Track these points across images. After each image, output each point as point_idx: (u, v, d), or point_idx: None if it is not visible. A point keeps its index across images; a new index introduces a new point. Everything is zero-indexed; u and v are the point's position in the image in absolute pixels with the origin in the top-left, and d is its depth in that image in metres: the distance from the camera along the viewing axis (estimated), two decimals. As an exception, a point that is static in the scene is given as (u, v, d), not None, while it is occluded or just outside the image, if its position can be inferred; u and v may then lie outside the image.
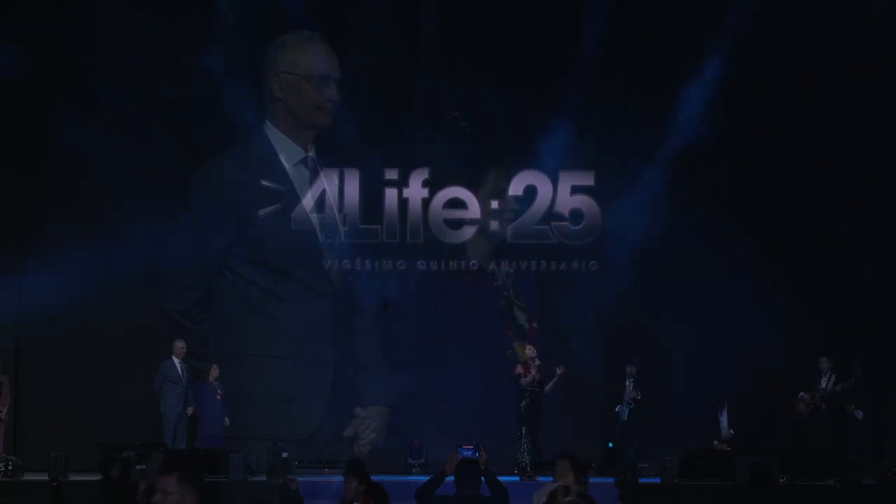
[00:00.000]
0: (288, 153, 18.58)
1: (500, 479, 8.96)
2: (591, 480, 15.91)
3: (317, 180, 18.54)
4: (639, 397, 17.19)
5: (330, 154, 18.63)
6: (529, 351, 17.06)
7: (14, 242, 18.18)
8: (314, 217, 18.51)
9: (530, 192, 18.57)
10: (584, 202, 18.53)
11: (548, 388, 16.77)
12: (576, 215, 18.53)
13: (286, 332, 18.35)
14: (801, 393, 16.94)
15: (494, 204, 18.65)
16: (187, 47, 17.73)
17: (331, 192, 18.57)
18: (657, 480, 15.16)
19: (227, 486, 14.00)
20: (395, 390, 18.29)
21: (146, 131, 17.78)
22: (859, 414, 16.80)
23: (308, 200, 18.50)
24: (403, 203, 18.69)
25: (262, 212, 18.40)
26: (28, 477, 15.10)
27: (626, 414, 17.27)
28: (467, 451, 9.18)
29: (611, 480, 16.11)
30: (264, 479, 14.71)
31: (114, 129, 17.76)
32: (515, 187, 18.63)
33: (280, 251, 18.43)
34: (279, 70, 18.50)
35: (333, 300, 18.48)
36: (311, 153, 18.61)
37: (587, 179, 18.53)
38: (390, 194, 18.70)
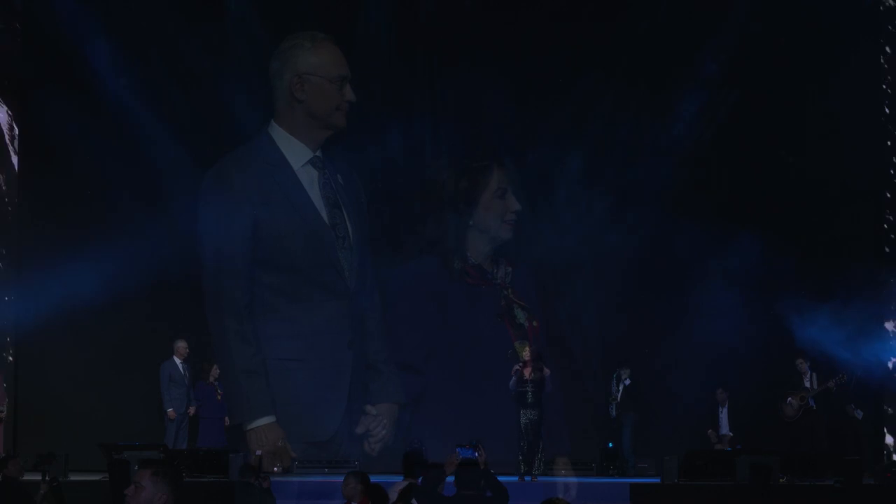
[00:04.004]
0: (296, 154, 18.54)
1: (500, 479, 8.97)
2: (590, 481, 16.07)
3: (325, 180, 18.54)
4: (619, 393, 17.24)
5: (336, 154, 18.63)
6: (526, 353, 17.05)
7: (14, 242, 18.18)
8: (325, 217, 18.50)
9: (531, 193, 18.60)
10: (579, 204, 18.53)
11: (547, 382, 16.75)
12: (573, 216, 18.52)
13: (304, 335, 18.28)
14: (790, 398, 16.93)
15: (496, 205, 18.67)
16: (189, 47, 17.75)
17: (338, 191, 18.57)
18: (657, 480, 15.19)
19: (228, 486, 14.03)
20: (404, 388, 18.32)
21: (147, 132, 17.77)
22: (859, 414, 16.81)
23: (318, 200, 18.50)
24: (407, 203, 18.72)
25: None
26: (28, 477, 15.10)
27: (615, 414, 17.32)
28: (467, 452, 9.17)
29: (611, 480, 16.16)
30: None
31: (115, 130, 17.77)
32: (516, 188, 18.66)
33: (293, 252, 18.38)
34: (301, 72, 18.40)
35: (349, 300, 18.46)
36: (318, 153, 18.60)
37: (583, 182, 18.52)
38: (394, 194, 18.71)
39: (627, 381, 17.42)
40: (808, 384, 16.94)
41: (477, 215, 18.74)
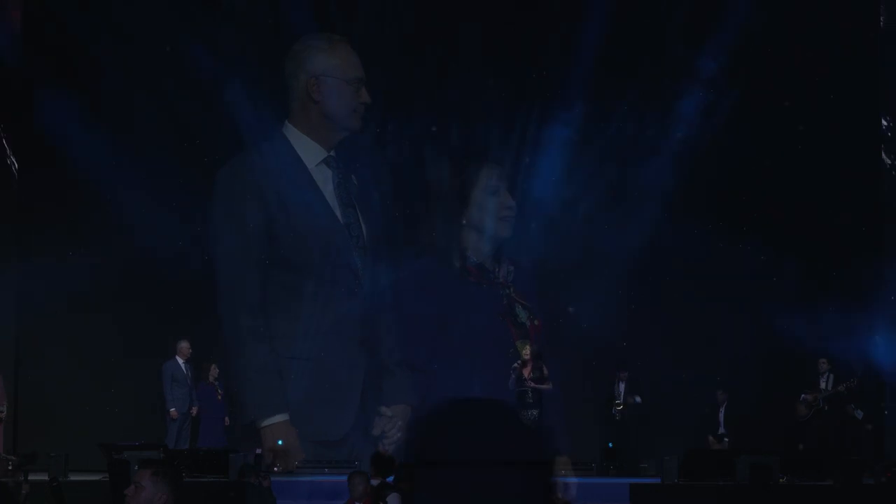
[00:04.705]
0: (310, 153, 18.55)
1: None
2: (590, 481, 16.07)
3: (339, 180, 18.56)
4: (638, 400, 17.15)
5: (349, 155, 18.65)
6: (526, 352, 17.04)
7: (14, 241, 18.18)
8: (339, 216, 18.51)
9: (529, 191, 18.60)
10: (580, 203, 18.52)
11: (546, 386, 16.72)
12: (574, 216, 18.50)
13: (317, 333, 18.27)
14: (803, 395, 16.90)
15: (489, 202, 18.68)
16: (194, 46, 17.75)
17: (352, 191, 18.59)
18: (657, 480, 15.17)
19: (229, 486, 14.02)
20: (416, 389, 18.33)
21: (151, 132, 17.80)
22: (859, 414, 16.79)
23: (332, 200, 18.51)
24: (412, 202, 18.74)
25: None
26: (28, 477, 15.07)
27: (620, 414, 17.28)
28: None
29: (611, 480, 16.15)
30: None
31: (118, 130, 17.79)
32: (513, 187, 18.67)
33: (307, 251, 18.37)
34: (318, 73, 18.41)
35: (362, 299, 18.46)
36: (332, 153, 18.61)
37: (583, 178, 18.50)
38: (394, 194, 18.72)
39: (638, 400, 17.31)
40: (823, 385, 16.86)
41: (470, 214, 18.74)
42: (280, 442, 17.66)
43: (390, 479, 10.19)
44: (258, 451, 16.37)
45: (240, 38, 18.13)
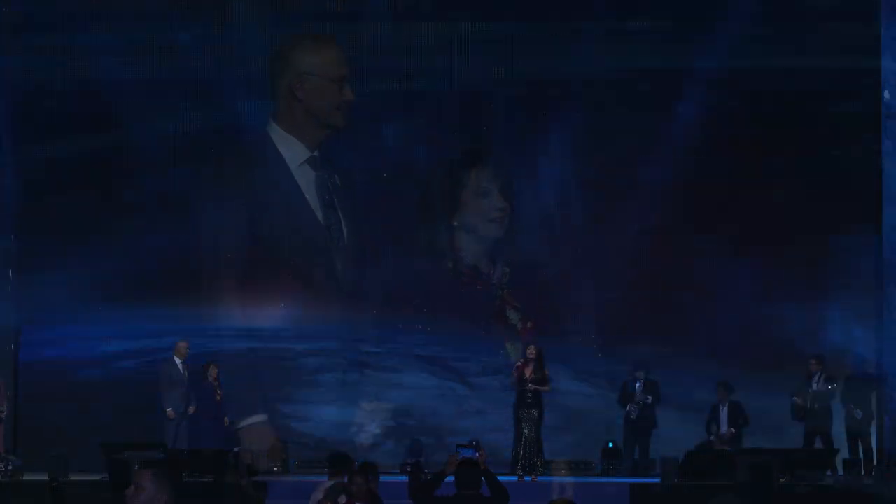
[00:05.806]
0: (294, 153, 18.56)
1: (500, 479, 8.97)
2: (590, 480, 16.09)
3: (322, 180, 18.57)
4: (649, 400, 17.05)
5: (335, 155, 18.65)
6: (531, 352, 17.02)
7: (14, 241, 18.19)
8: (320, 217, 18.53)
9: (525, 191, 18.61)
10: (578, 203, 18.51)
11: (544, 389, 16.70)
12: (572, 216, 18.50)
13: (299, 333, 18.31)
14: (794, 397, 16.83)
15: (480, 204, 18.68)
16: (186, 44, 17.79)
17: (335, 192, 18.60)
18: (657, 480, 15.18)
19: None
20: (400, 388, 18.33)
21: (147, 132, 17.81)
22: (859, 414, 16.77)
23: (314, 200, 18.53)
24: (404, 203, 18.74)
25: None
26: (28, 477, 15.11)
27: (636, 413, 17.12)
28: (467, 452, 9.17)
29: (611, 480, 16.15)
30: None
31: (114, 129, 17.80)
32: (509, 187, 18.68)
33: (288, 251, 18.40)
34: (302, 71, 18.44)
35: (344, 300, 18.43)
36: (316, 153, 18.63)
37: (580, 178, 18.49)
38: (389, 195, 18.73)
39: (649, 400, 17.18)
40: (814, 386, 16.80)
41: (461, 216, 18.73)
42: (273, 442, 17.67)
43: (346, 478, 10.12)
44: (236, 449, 16.34)
45: (234, 37, 18.15)
